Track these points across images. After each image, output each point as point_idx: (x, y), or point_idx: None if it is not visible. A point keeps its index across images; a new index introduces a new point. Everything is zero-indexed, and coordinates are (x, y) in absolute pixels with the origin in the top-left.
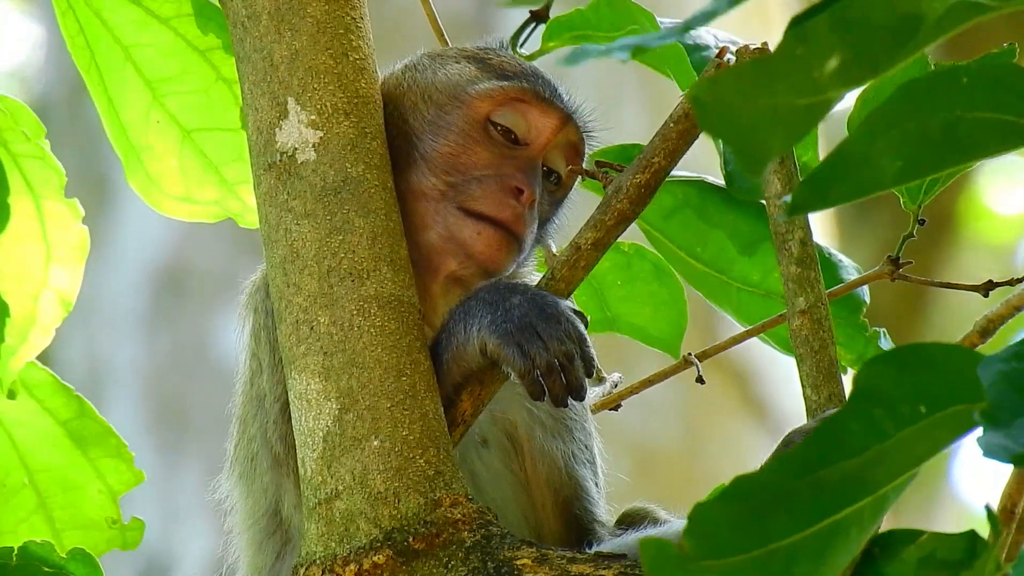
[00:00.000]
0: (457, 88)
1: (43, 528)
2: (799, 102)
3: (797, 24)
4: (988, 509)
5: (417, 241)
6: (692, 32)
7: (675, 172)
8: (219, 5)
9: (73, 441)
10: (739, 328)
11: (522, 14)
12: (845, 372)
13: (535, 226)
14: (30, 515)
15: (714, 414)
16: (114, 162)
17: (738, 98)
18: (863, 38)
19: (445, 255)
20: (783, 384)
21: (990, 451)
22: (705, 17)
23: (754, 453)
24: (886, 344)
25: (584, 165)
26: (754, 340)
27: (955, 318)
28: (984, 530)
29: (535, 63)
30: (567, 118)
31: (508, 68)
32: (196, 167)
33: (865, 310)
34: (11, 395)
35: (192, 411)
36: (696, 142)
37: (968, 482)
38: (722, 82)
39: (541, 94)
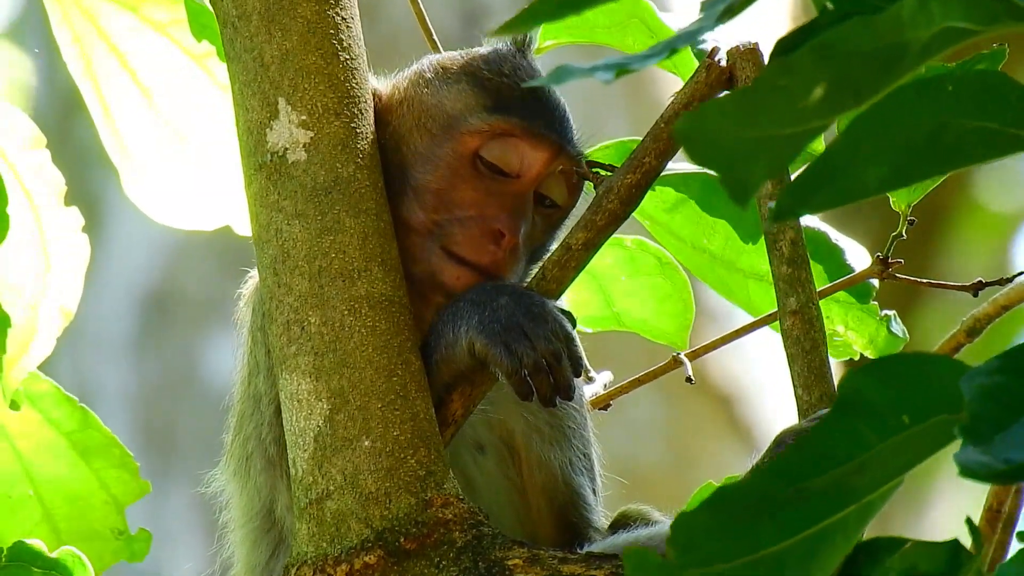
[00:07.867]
0: (449, 119)
1: (49, 539)
2: (784, 132)
3: (780, 54)
4: (969, 521)
5: (409, 271)
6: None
7: (674, 166)
8: (210, 6)
9: (77, 452)
10: (728, 331)
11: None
12: (858, 357)
13: (520, 264)
14: (35, 527)
15: (699, 436)
16: (103, 184)
17: (723, 130)
18: (847, 67)
19: (433, 290)
20: (768, 407)
21: (968, 468)
22: (691, 35)
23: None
24: (897, 328)
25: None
26: (739, 362)
27: (952, 318)
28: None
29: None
30: (559, 149)
31: (504, 94)
32: (192, 174)
33: (875, 294)
34: (14, 405)
35: (180, 434)
36: None
37: (960, 481)
38: (706, 115)
39: (531, 129)
